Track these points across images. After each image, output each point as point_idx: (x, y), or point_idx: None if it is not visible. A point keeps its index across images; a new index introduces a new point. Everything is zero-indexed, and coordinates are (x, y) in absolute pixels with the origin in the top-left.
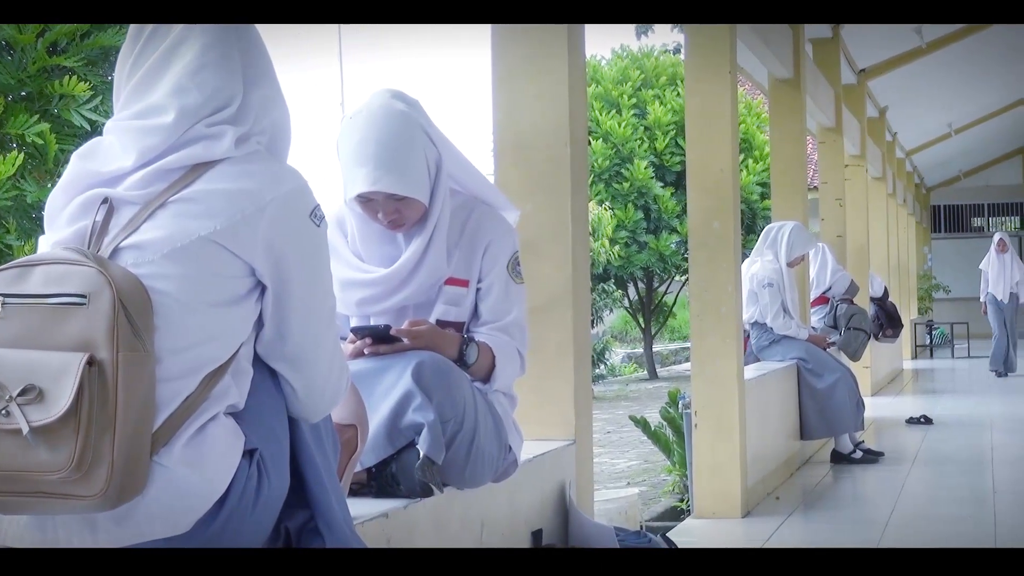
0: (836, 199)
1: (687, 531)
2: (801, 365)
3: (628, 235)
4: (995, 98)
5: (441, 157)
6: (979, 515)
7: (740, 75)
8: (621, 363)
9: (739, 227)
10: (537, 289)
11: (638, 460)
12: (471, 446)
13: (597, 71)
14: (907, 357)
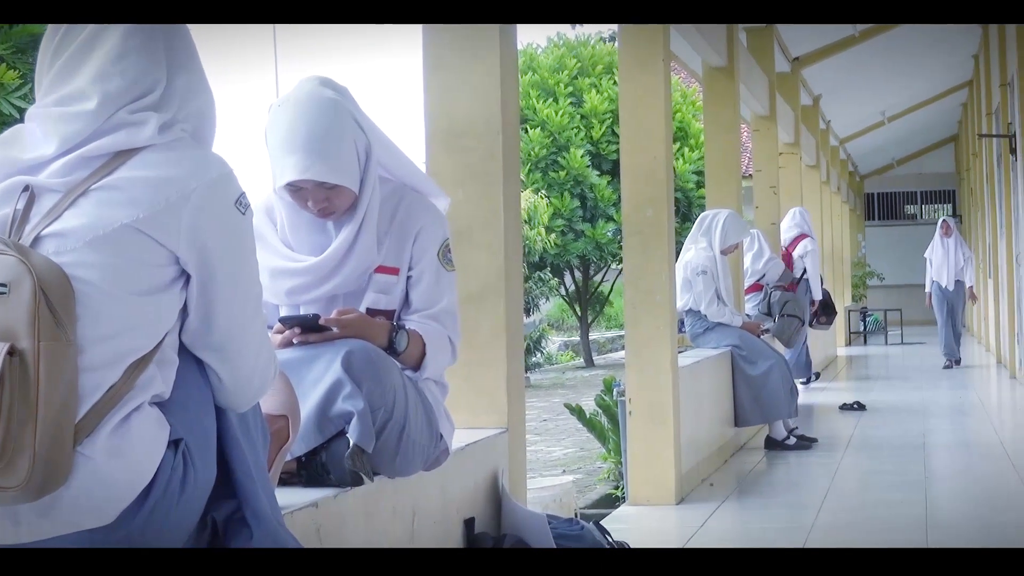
0: (770, 187)
1: (621, 518)
2: (735, 352)
3: (564, 223)
4: (927, 86)
5: (371, 144)
6: (911, 500)
7: (675, 63)
8: (558, 351)
9: (672, 215)
10: (469, 277)
11: (574, 448)
12: (401, 435)
13: (533, 59)
14: (841, 344)
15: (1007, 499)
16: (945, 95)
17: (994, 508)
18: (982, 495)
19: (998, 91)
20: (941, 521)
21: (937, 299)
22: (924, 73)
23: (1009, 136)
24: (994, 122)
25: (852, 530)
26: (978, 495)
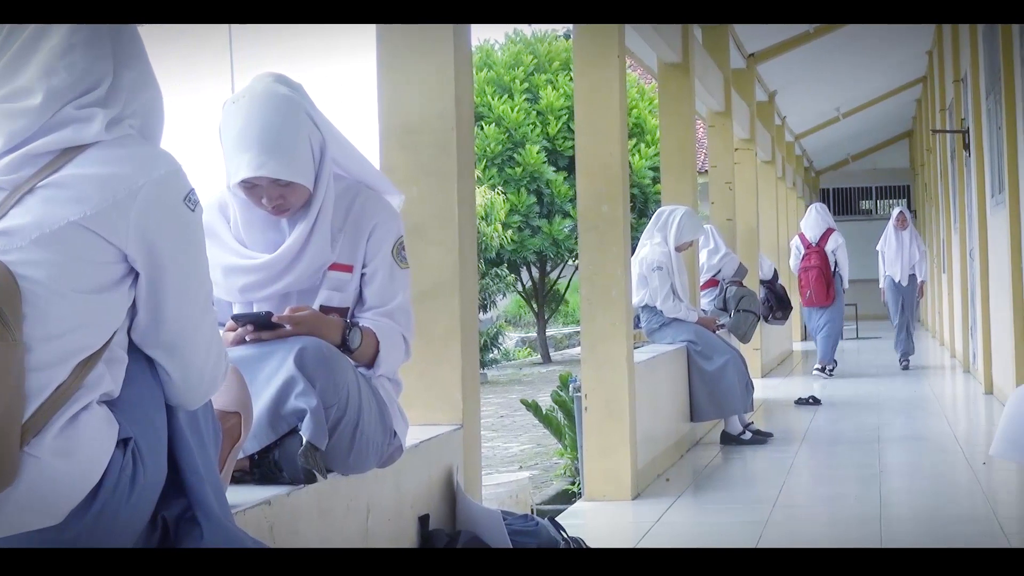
0: (726, 182)
1: (577, 514)
2: (691, 347)
3: (521, 219)
4: (882, 82)
5: (325, 141)
6: (865, 494)
7: (630, 60)
8: (515, 347)
9: (628, 211)
10: (424, 273)
11: (531, 444)
12: (355, 432)
13: (490, 56)
14: (797, 339)
15: (960, 492)
16: (899, 91)
17: (948, 501)
18: (936, 488)
19: (951, 87)
20: (895, 515)
21: (891, 294)
22: (879, 69)
23: (962, 131)
24: (948, 118)
25: (807, 524)
26: (932, 488)
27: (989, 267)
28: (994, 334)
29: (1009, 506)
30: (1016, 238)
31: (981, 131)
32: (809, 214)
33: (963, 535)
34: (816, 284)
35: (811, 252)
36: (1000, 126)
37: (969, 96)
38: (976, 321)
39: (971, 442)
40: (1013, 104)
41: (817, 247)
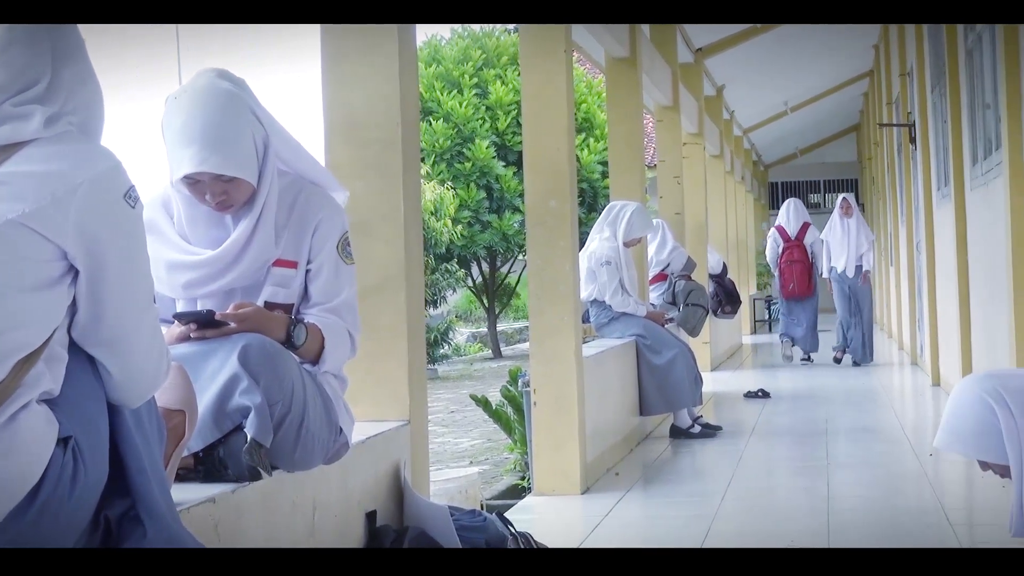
0: (674, 177)
1: (527, 508)
2: (640, 342)
3: (471, 215)
4: (830, 76)
5: (268, 136)
6: (814, 485)
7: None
8: (466, 342)
9: (576, 206)
10: (369, 269)
11: (481, 439)
12: (300, 428)
13: (438, 51)
14: (746, 332)
15: (908, 483)
16: (847, 85)
17: (895, 492)
18: (883, 480)
19: (897, 81)
20: (843, 506)
21: (838, 288)
22: (826, 63)
23: (908, 125)
24: (894, 111)
25: (755, 517)
26: (880, 480)
27: (936, 260)
28: (941, 326)
29: (956, 497)
30: (961, 231)
31: (927, 125)
32: (787, 209)
33: (910, 526)
34: (800, 277)
35: (792, 246)
36: (945, 120)
37: (915, 90)
38: (923, 314)
39: (919, 434)
40: (958, 98)
41: (797, 241)
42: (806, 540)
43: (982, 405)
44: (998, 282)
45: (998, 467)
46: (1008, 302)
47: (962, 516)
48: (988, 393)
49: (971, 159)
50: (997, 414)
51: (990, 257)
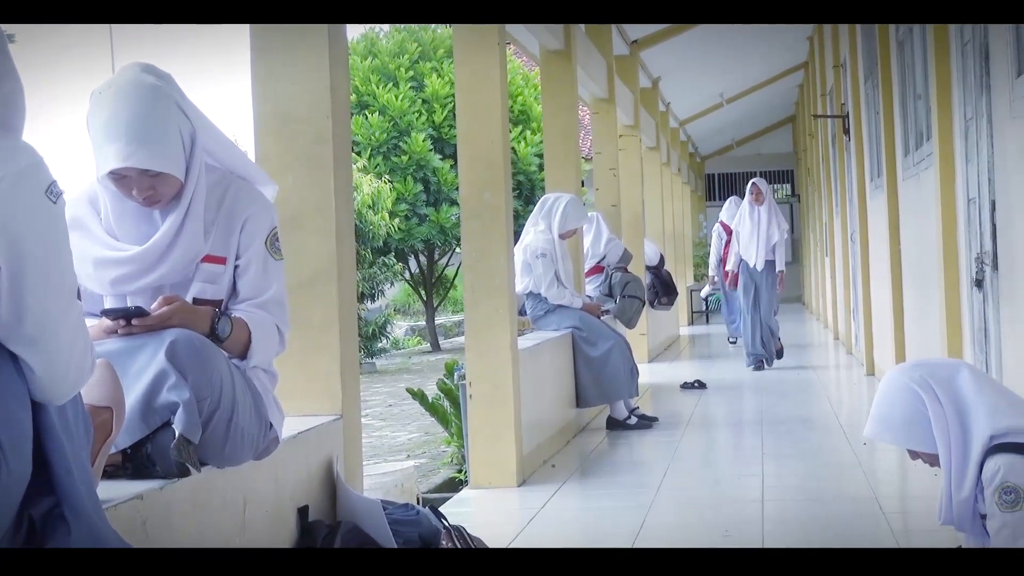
0: (610, 169)
1: (463, 501)
2: (576, 334)
3: (408, 208)
4: (765, 68)
5: (196, 131)
6: (749, 476)
7: (514, 47)
8: (404, 336)
9: (511, 198)
10: (301, 262)
11: (419, 432)
12: (229, 424)
13: (374, 44)
14: (683, 323)
15: (842, 472)
16: (782, 76)
17: (829, 481)
18: (818, 469)
19: (831, 72)
20: (778, 496)
21: (744, 282)
22: (761, 55)
23: (842, 116)
24: (828, 103)
25: (691, 508)
26: (814, 470)
27: (869, 250)
28: (875, 316)
29: (889, 485)
30: (894, 221)
31: (860, 116)
32: (730, 205)
33: (844, 514)
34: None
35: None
36: (878, 111)
37: (848, 81)
38: (858, 303)
39: (853, 423)
40: (890, 89)
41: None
42: (741, 531)
43: (910, 394)
44: (929, 272)
45: (927, 456)
46: (939, 292)
47: (895, 504)
48: (916, 383)
49: (903, 150)
50: (925, 403)
51: (922, 247)
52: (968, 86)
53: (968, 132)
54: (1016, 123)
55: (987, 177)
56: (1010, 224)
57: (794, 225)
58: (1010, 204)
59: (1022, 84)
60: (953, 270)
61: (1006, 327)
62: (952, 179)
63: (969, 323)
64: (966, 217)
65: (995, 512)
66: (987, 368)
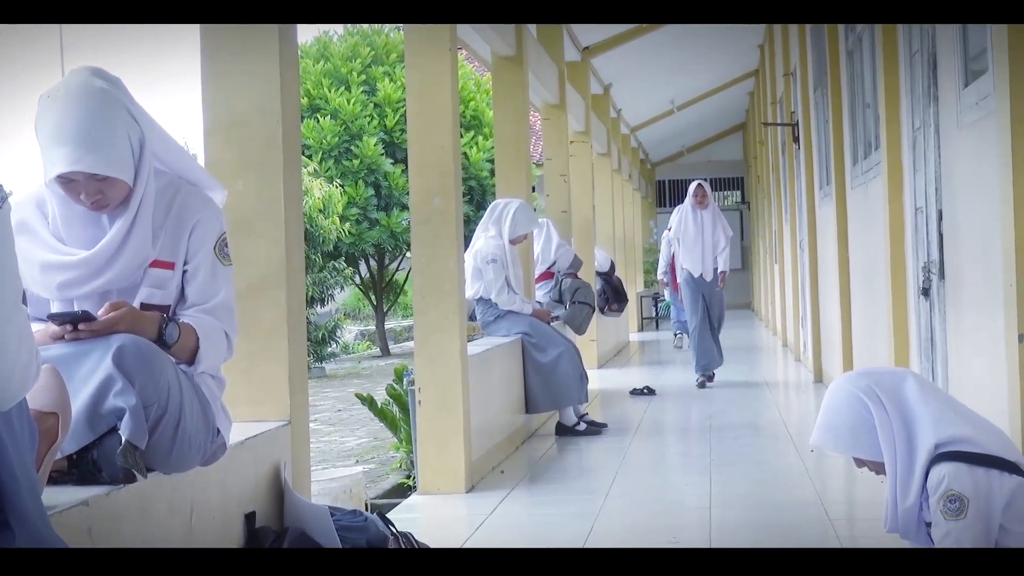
0: (561, 175)
1: (411, 507)
2: (525, 340)
3: (359, 212)
4: (716, 76)
5: (144, 135)
6: (697, 482)
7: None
8: (354, 341)
9: (461, 204)
10: (250, 267)
11: (368, 438)
12: (176, 430)
13: (327, 47)
14: (634, 330)
15: (789, 479)
16: (733, 84)
17: (777, 488)
18: (766, 476)
19: (782, 80)
20: (726, 502)
21: (690, 293)
22: (712, 62)
23: (792, 124)
24: (778, 111)
25: (639, 514)
26: (762, 476)
27: (818, 258)
28: (823, 323)
29: (836, 492)
30: (842, 229)
31: (810, 124)
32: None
33: (791, 521)
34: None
35: None
36: (827, 119)
37: (798, 90)
38: (806, 311)
39: (801, 430)
40: (839, 98)
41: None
42: (688, 536)
43: (856, 403)
44: (877, 281)
45: (873, 464)
46: (886, 300)
47: (842, 511)
48: (862, 391)
49: (852, 158)
50: (871, 411)
51: (869, 256)
52: (916, 96)
53: (916, 142)
54: (963, 133)
55: (934, 187)
56: (956, 234)
57: (744, 232)
58: (956, 214)
59: (969, 95)
60: (900, 279)
61: (952, 335)
62: (900, 188)
63: (916, 331)
64: (913, 226)
65: (939, 520)
66: (933, 376)
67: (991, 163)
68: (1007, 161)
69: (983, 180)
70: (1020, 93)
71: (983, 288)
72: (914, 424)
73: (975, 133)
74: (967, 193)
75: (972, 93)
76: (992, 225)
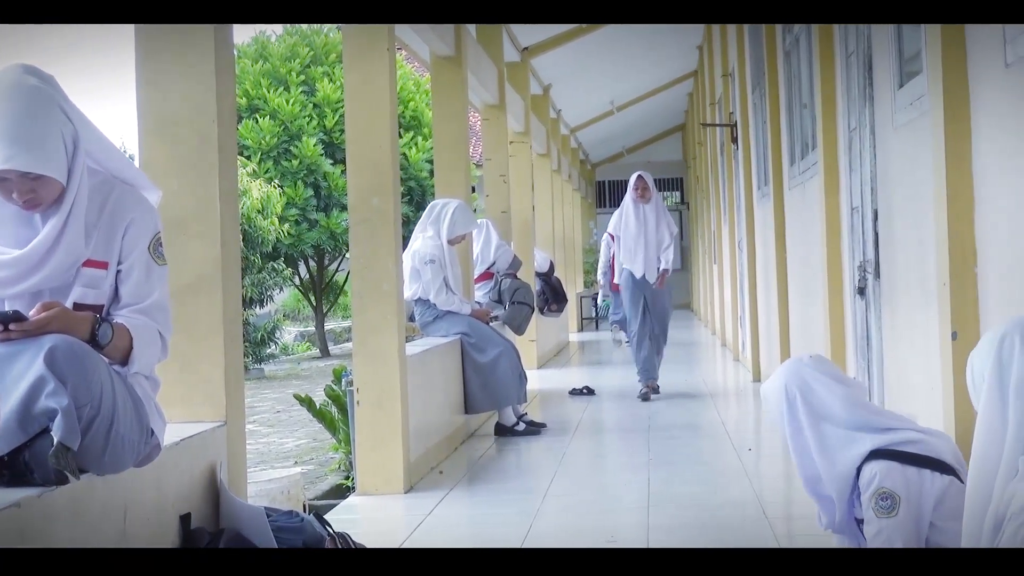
0: (500, 175)
1: (350, 508)
2: (464, 340)
3: (298, 213)
4: (655, 76)
5: (78, 134)
6: (635, 482)
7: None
8: (293, 342)
9: (399, 204)
10: (185, 267)
11: (307, 439)
12: (109, 431)
13: (265, 47)
14: (573, 330)
15: (727, 479)
16: (672, 85)
17: (715, 486)
18: (704, 475)
19: (720, 81)
20: (664, 501)
21: (630, 296)
22: (652, 63)
23: (730, 125)
24: (717, 111)
25: (577, 513)
26: (700, 475)
27: (756, 258)
28: (762, 323)
29: (774, 491)
30: (780, 230)
31: (748, 124)
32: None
33: (729, 520)
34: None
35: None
36: (765, 120)
37: (736, 90)
38: (745, 311)
39: (739, 429)
40: (777, 98)
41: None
42: (626, 535)
43: (780, 395)
44: (814, 280)
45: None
46: (823, 300)
47: (779, 510)
48: (787, 387)
49: (789, 159)
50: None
51: (806, 256)
52: (852, 97)
53: (852, 142)
54: (898, 133)
55: (870, 186)
56: (891, 233)
57: (684, 232)
58: (892, 213)
59: (904, 95)
60: (837, 278)
61: (888, 334)
62: (836, 188)
63: (852, 330)
64: (849, 226)
65: (871, 517)
66: (869, 374)
67: (925, 163)
68: (940, 161)
69: (917, 180)
70: (953, 93)
71: (917, 287)
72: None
73: (910, 133)
74: (902, 193)
75: (907, 94)
76: (926, 224)
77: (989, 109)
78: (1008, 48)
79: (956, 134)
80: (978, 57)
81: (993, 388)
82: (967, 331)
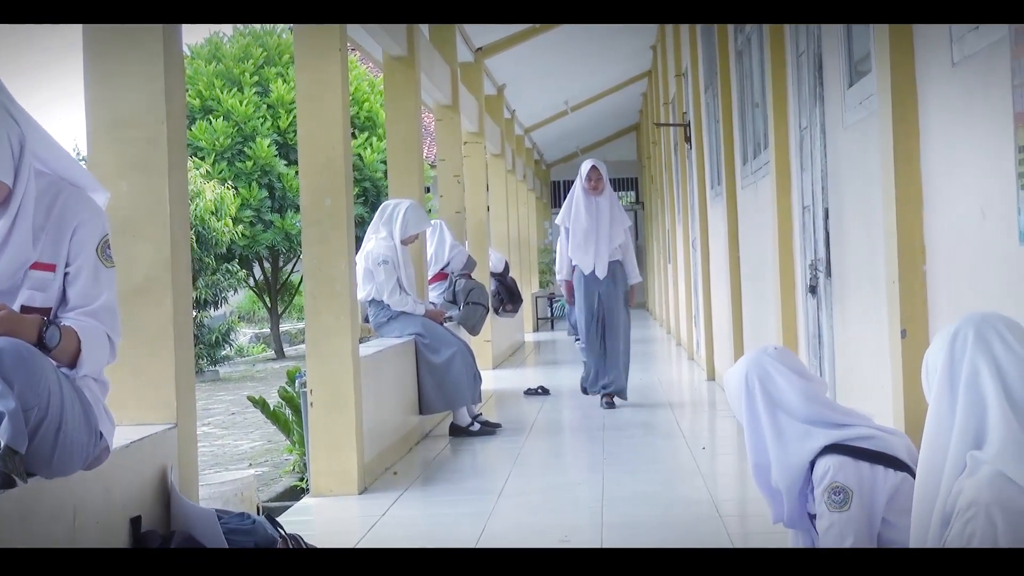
0: (455, 176)
1: (304, 510)
2: (418, 340)
3: (253, 214)
4: (609, 76)
5: (24, 135)
6: (590, 481)
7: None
8: (248, 343)
9: (352, 205)
10: (134, 269)
11: (262, 441)
12: (58, 434)
13: (218, 48)
14: (529, 330)
15: (681, 477)
16: (626, 85)
17: (668, 485)
18: (658, 474)
19: (674, 81)
20: (618, 499)
21: (582, 294)
22: (606, 63)
23: (684, 125)
24: (670, 111)
25: (531, 513)
26: (654, 474)
27: (710, 257)
28: (715, 322)
29: (728, 489)
30: (733, 229)
31: (701, 124)
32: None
33: (683, 519)
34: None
35: None
36: (717, 119)
37: (689, 90)
38: (699, 310)
39: (693, 428)
40: (729, 98)
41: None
42: (580, 535)
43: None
44: (766, 279)
45: None
46: (775, 298)
47: (733, 508)
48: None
49: (741, 158)
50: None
51: (759, 254)
52: (803, 96)
53: (803, 141)
54: (848, 132)
55: (821, 185)
56: (842, 231)
57: (638, 232)
58: (842, 212)
59: (853, 95)
60: (788, 277)
61: (839, 331)
62: (788, 187)
63: (804, 328)
64: (801, 224)
65: (824, 512)
66: (821, 371)
67: (874, 162)
68: (889, 160)
69: (867, 179)
70: (901, 93)
71: (868, 285)
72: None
73: (859, 132)
74: (852, 191)
75: (856, 93)
76: (876, 223)
77: (937, 108)
78: (955, 47)
79: (904, 133)
80: (926, 57)
81: (943, 383)
82: (917, 329)
